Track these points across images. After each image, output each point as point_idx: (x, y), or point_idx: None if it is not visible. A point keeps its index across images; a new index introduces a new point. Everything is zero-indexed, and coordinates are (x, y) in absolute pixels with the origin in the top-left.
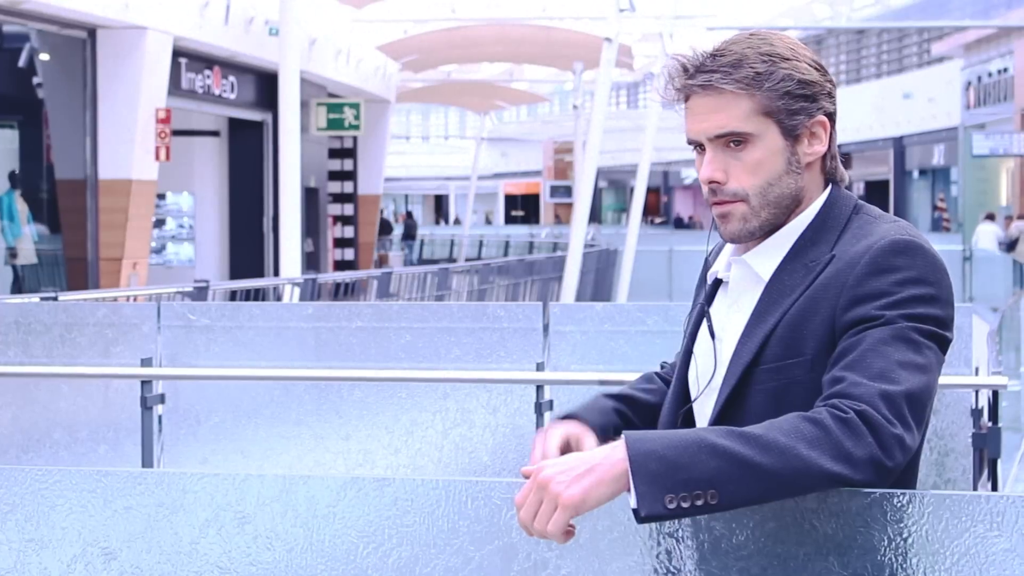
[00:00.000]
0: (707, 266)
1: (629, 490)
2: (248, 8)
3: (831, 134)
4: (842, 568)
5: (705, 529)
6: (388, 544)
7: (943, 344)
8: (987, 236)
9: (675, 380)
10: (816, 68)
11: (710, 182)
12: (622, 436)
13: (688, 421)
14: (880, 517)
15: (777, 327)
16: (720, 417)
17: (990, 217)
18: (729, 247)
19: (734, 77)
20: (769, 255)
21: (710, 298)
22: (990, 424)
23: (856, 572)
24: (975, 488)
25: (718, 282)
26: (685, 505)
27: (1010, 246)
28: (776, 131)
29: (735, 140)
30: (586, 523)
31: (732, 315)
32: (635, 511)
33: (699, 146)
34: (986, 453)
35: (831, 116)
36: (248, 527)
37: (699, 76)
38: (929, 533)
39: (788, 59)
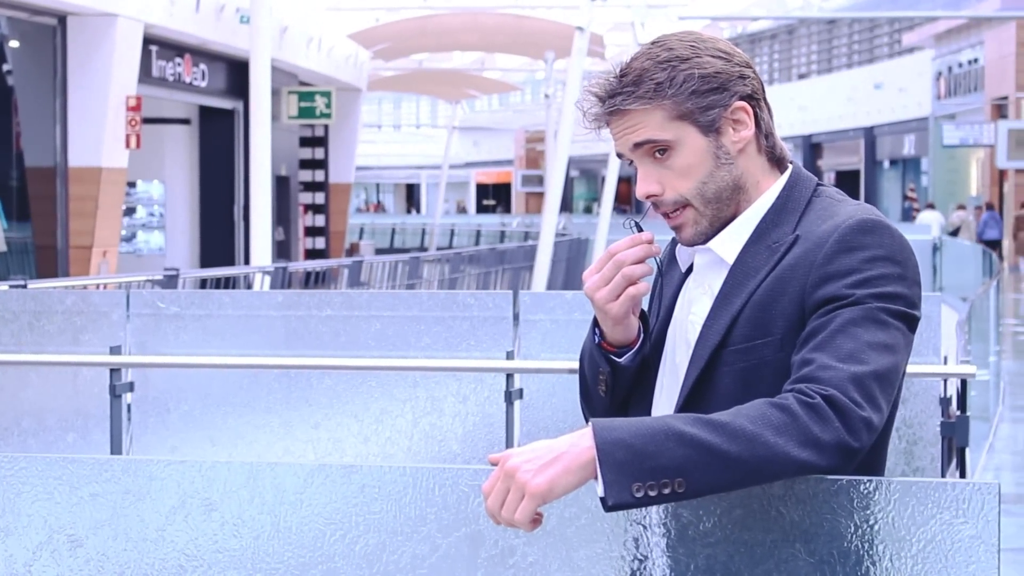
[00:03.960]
0: (672, 254)
1: (596, 478)
2: None
3: (757, 114)
4: (808, 555)
5: (672, 516)
6: (355, 531)
7: (912, 323)
8: (931, 224)
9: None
10: (721, 57)
11: (647, 196)
12: (589, 424)
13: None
14: (847, 504)
15: (744, 308)
16: (688, 399)
17: (931, 206)
18: None
19: (637, 95)
20: (732, 239)
21: (682, 282)
22: (959, 413)
23: (822, 559)
24: (943, 477)
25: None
26: (652, 494)
27: (952, 235)
28: (695, 131)
29: (659, 149)
30: (553, 510)
31: (701, 296)
32: (602, 500)
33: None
34: (954, 442)
35: (751, 97)
36: (215, 514)
37: (607, 102)
38: (896, 520)
39: (688, 59)
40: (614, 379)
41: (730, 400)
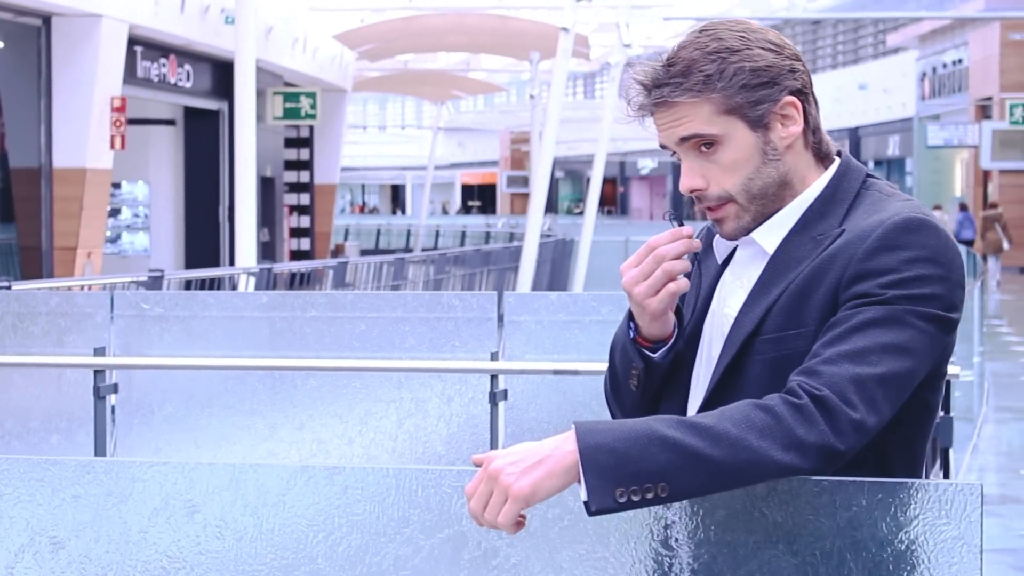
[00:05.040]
0: (708, 244)
1: (580, 481)
2: None
3: (806, 108)
4: (791, 556)
5: (655, 517)
6: (338, 533)
7: (946, 325)
8: None
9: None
10: (772, 49)
11: (691, 191)
12: (573, 427)
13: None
14: (830, 505)
15: (781, 297)
16: (718, 386)
17: None
18: None
19: (685, 87)
20: (775, 230)
21: (719, 274)
22: (942, 413)
23: (805, 560)
24: (927, 477)
25: (732, 253)
26: (636, 498)
27: None
28: (743, 126)
29: (706, 144)
30: (536, 511)
31: (736, 290)
32: (585, 504)
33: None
34: (938, 442)
35: (801, 91)
36: (198, 516)
37: (654, 92)
38: (878, 520)
39: (738, 50)
40: (646, 374)
41: (760, 389)
